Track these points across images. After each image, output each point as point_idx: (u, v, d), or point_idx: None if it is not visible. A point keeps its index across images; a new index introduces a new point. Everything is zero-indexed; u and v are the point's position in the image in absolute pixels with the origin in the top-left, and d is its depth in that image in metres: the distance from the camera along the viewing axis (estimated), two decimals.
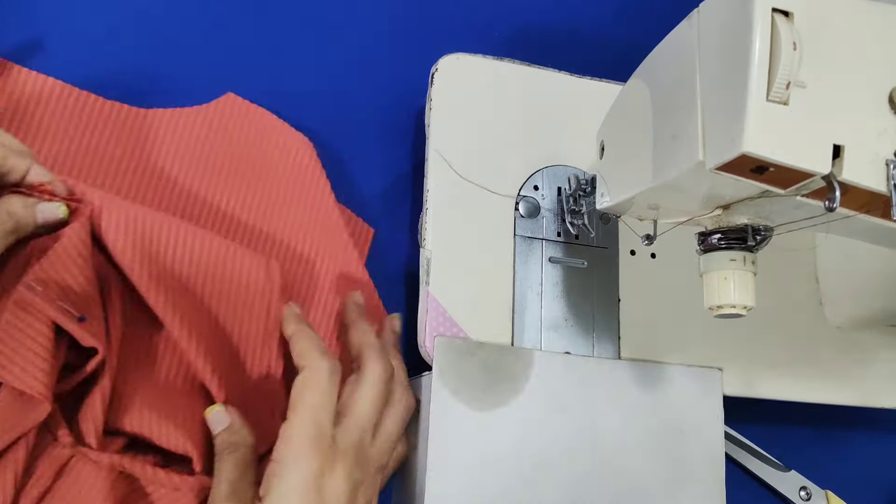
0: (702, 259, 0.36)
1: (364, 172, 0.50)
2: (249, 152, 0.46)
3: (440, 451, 0.39)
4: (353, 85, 0.51)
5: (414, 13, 0.54)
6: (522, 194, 0.46)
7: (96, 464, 0.36)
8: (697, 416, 0.44)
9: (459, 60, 0.46)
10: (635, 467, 0.42)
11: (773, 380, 0.47)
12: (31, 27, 0.45)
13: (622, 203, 0.37)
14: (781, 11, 0.28)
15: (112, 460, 0.36)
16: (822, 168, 0.28)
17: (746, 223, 0.34)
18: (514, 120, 0.47)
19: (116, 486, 0.37)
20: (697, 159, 0.30)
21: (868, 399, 0.48)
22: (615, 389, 0.43)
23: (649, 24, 0.45)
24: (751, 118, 0.28)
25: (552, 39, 0.57)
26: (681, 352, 0.45)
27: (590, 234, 0.46)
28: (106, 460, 0.36)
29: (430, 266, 0.42)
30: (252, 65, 0.49)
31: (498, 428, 0.41)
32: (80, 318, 0.35)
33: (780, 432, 0.53)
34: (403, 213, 0.50)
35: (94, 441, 0.36)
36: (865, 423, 0.56)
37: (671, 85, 0.33)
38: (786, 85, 0.28)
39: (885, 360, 0.49)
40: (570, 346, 0.44)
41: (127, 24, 0.48)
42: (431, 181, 0.44)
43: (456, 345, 0.41)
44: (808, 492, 0.51)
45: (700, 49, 0.31)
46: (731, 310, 0.34)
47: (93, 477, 0.36)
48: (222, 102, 0.46)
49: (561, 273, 0.45)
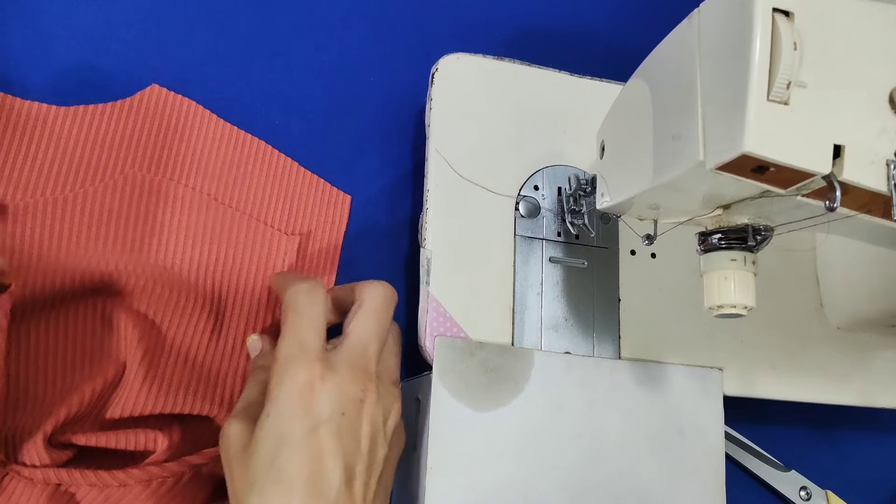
0: (702, 259, 0.36)
1: (364, 172, 0.50)
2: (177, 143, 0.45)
3: (440, 451, 0.39)
4: (354, 85, 0.51)
5: (414, 13, 0.54)
6: (522, 194, 0.46)
7: (30, 480, 0.36)
8: (697, 416, 0.44)
9: (459, 60, 0.46)
10: (635, 467, 0.42)
11: (773, 380, 0.47)
12: (31, 27, 0.45)
13: (622, 203, 0.37)
14: (782, 11, 0.28)
15: (46, 475, 0.36)
16: (823, 168, 0.28)
17: (747, 223, 0.34)
18: (514, 120, 0.47)
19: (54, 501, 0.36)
20: (698, 159, 0.30)
21: (868, 399, 0.48)
22: (615, 389, 0.43)
23: (649, 24, 0.46)
24: (751, 118, 0.28)
25: (552, 39, 0.57)
26: (681, 352, 0.45)
27: (590, 234, 0.46)
28: (39, 475, 0.36)
29: (430, 266, 0.42)
30: (252, 65, 0.49)
31: (498, 428, 0.41)
32: None
33: (780, 432, 0.53)
34: (403, 213, 0.50)
35: (33, 458, 0.36)
36: (865, 423, 0.56)
37: (671, 85, 0.33)
38: (786, 85, 0.28)
39: (885, 360, 0.49)
40: (570, 346, 0.44)
41: (126, 24, 0.48)
42: (431, 181, 0.44)
43: (456, 345, 0.41)
44: (808, 492, 0.51)
45: (700, 49, 0.31)
46: (731, 310, 0.34)
47: (27, 494, 0.36)
48: (146, 94, 0.45)
49: (561, 273, 0.45)
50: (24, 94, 0.44)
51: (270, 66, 0.50)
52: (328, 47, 0.51)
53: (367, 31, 0.52)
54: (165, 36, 0.48)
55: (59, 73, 0.44)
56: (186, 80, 0.47)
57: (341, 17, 0.52)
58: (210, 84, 0.48)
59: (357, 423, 0.35)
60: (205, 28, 0.49)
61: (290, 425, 0.34)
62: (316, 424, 0.34)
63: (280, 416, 0.34)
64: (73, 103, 0.44)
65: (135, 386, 0.39)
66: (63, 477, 0.36)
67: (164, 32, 0.48)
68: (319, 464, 0.33)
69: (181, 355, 0.41)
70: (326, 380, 0.35)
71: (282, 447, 0.33)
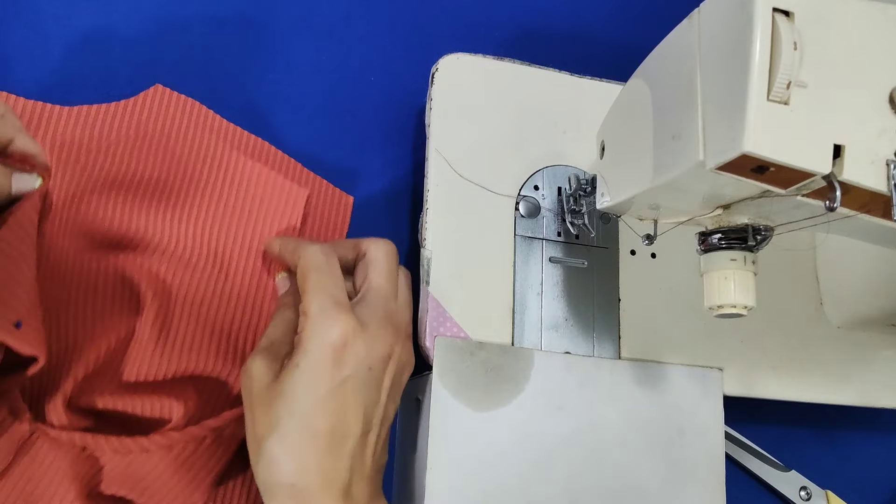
0: (702, 259, 0.36)
1: (364, 172, 0.50)
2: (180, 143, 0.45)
3: (440, 451, 0.39)
4: (354, 85, 0.51)
5: (414, 13, 0.54)
6: (522, 194, 0.46)
7: (56, 441, 0.36)
8: (697, 416, 0.44)
9: (459, 60, 0.46)
10: (635, 467, 0.42)
11: (773, 380, 0.47)
12: (31, 27, 0.45)
13: (622, 203, 0.37)
14: (782, 11, 0.28)
15: (72, 437, 0.36)
16: (823, 168, 0.28)
17: (747, 223, 0.34)
18: (514, 120, 0.47)
19: (79, 464, 0.37)
20: (698, 159, 0.30)
21: (868, 399, 0.48)
22: (615, 389, 0.43)
23: (649, 24, 0.46)
24: (751, 118, 0.28)
25: (552, 39, 0.57)
26: (681, 352, 0.45)
27: (590, 234, 0.46)
28: (65, 437, 0.36)
29: (430, 266, 0.42)
30: (252, 65, 0.49)
31: (498, 428, 0.41)
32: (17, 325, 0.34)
33: (780, 432, 0.53)
34: (403, 213, 0.50)
35: (55, 419, 0.36)
36: (865, 423, 0.56)
37: (671, 85, 0.33)
38: (786, 85, 0.28)
39: (885, 360, 0.49)
40: (570, 346, 0.44)
41: (126, 24, 0.47)
42: (431, 181, 0.44)
43: (456, 345, 0.41)
44: (808, 492, 0.51)
45: (700, 49, 0.31)
46: (731, 310, 0.34)
47: (52, 455, 0.37)
48: (150, 94, 0.45)
49: (561, 273, 0.45)
50: (25, 95, 0.43)
51: (270, 66, 0.50)
52: (328, 47, 0.51)
53: (367, 31, 0.52)
54: (165, 36, 0.48)
55: (59, 73, 0.44)
56: (186, 80, 0.47)
57: (341, 17, 0.52)
58: (210, 84, 0.48)
59: (380, 378, 0.37)
60: (205, 28, 0.49)
61: (320, 378, 0.35)
62: (344, 379, 0.35)
63: (310, 368, 0.35)
64: (74, 103, 0.44)
65: (148, 347, 0.39)
66: (88, 441, 0.37)
67: (164, 32, 0.48)
68: (343, 416, 0.35)
69: (193, 314, 0.41)
70: (358, 336, 0.36)
71: (308, 398, 0.35)
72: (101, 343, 0.38)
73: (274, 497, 0.35)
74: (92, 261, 0.40)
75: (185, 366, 0.40)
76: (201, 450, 0.39)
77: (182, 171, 0.44)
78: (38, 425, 0.36)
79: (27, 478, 0.36)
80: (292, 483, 0.34)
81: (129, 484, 0.37)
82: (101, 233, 0.41)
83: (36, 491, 0.36)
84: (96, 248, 0.41)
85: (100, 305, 0.40)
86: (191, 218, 0.43)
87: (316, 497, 0.34)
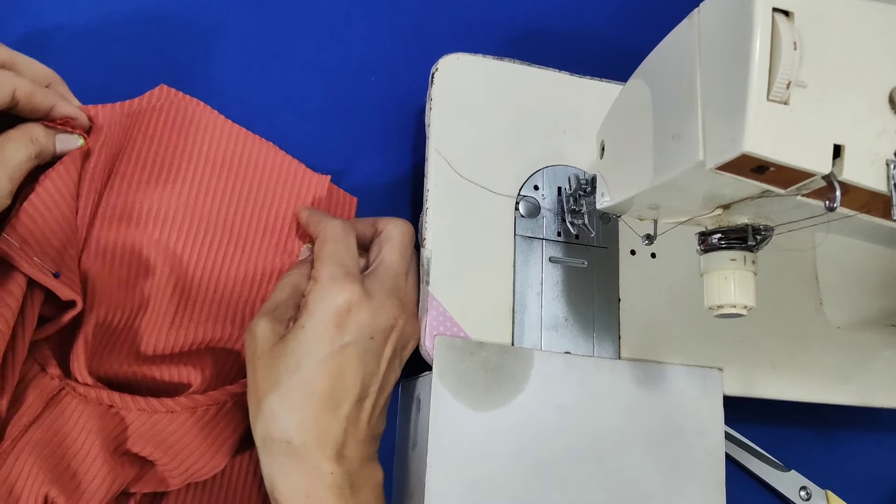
0: (702, 259, 0.36)
1: (364, 172, 0.50)
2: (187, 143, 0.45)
3: (440, 450, 0.39)
4: (354, 85, 0.51)
5: (414, 13, 0.54)
6: (522, 194, 0.46)
7: (84, 398, 0.38)
8: (697, 416, 0.44)
9: (459, 60, 0.46)
10: (635, 467, 0.42)
11: (773, 380, 0.47)
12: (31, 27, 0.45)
13: (622, 203, 0.37)
14: (782, 11, 0.28)
15: (100, 395, 0.38)
16: (823, 168, 0.28)
17: (747, 223, 0.34)
18: (514, 120, 0.47)
19: (105, 421, 0.38)
20: (698, 159, 0.30)
21: (868, 399, 0.48)
22: (615, 389, 0.43)
23: (649, 24, 0.46)
24: (751, 118, 0.28)
25: (552, 39, 0.57)
26: (681, 352, 0.45)
27: (590, 234, 0.46)
28: (93, 394, 0.38)
29: (430, 266, 0.43)
30: (252, 65, 0.49)
31: (498, 428, 0.41)
32: (55, 274, 0.37)
33: (780, 432, 0.53)
34: (403, 213, 0.50)
35: (82, 377, 0.38)
36: (865, 423, 0.56)
37: (671, 85, 0.33)
38: (786, 85, 0.28)
39: (885, 360, 0.49)
40: (570, 346, 0.44)
41: (126, 24, 0.48)
42: (431, 181, 0.44)
43: (456, 345, 0.41)
44: (808, 492, 0.51)
45: (700, 49, 0.31)
46: (731, 310, 0.34)
47: (80, 410, 0.38)
48: (155, 94, 0.46)
49: (561, 273, 0.45)
50: None
51: (270, 66, 0.50)
52: (328, 47, 0.51)
53: (367, 31, 0.52)
54: (165, 36, 0.48)
55: (59, 73, 0.44)
56: (187, 81, 0.47)
57: (341, 17, 0.52)
58: (210, 84, 0.48)
59: (381, 348, 0.38)
60: (205, 28, 0.49)
61: (322, 340, 0.36)
62: (346, 344, 0.37)
63: (314, 330, 0.36)
64: None
65: (167, 319, 0.40)
66: (115, 399, 0.38)
67: (164, 32, 0.48)
68: (341, 379, 0.36)
69: (210, 287, 0.43)
70: (363, 304, 0.37)
71: (310, 358, 0.36)
72: (120, 310, 0.40)
73: (270, 452, 0.36)
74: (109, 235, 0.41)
75: (202, 336, 0.41)
76: (222, 413, 0.40)
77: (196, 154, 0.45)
78: (67, 381, 0.38)
79: (55, 430, 0.37)
80: (289, 439, 0.36)
81: (154, 443, 0.38)
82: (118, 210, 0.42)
83: (64, 443, 0.37)
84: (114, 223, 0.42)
85: (116, 275, 0.41)
86: (207, 196, 0.44)
87: (310, 453, 0.35)
